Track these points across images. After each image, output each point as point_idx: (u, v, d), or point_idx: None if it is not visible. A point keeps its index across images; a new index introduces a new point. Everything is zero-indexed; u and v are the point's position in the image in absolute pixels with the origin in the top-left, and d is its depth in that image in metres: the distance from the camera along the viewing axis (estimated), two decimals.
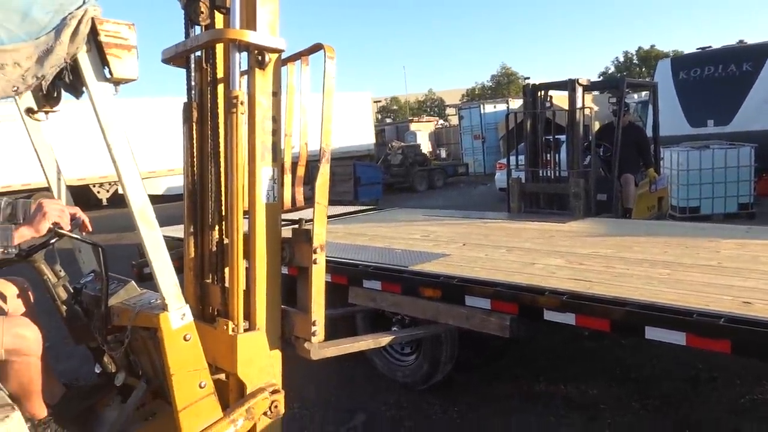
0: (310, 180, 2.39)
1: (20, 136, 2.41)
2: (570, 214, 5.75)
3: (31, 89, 1.74)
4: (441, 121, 41.34)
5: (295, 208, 2.43)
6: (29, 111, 2.23)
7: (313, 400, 3.64)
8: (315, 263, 2.27)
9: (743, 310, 2.29)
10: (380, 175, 14.88)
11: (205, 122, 2.27)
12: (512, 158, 7.14)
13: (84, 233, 2.13)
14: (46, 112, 2.24)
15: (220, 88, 2.25)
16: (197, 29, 2.27)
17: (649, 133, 7.58)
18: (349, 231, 5.01)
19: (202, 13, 2.20)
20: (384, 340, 3.08)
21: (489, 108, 21.63)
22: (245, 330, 2.16)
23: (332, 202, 10.50)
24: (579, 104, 6.04)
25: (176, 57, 2.27)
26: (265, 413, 2.14)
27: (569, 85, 6.02)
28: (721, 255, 3.35)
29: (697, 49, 12.70)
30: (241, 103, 2.13)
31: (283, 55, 2.27)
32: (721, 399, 3.40)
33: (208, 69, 2.25)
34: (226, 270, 2.22)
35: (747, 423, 3.11)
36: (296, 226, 2.35)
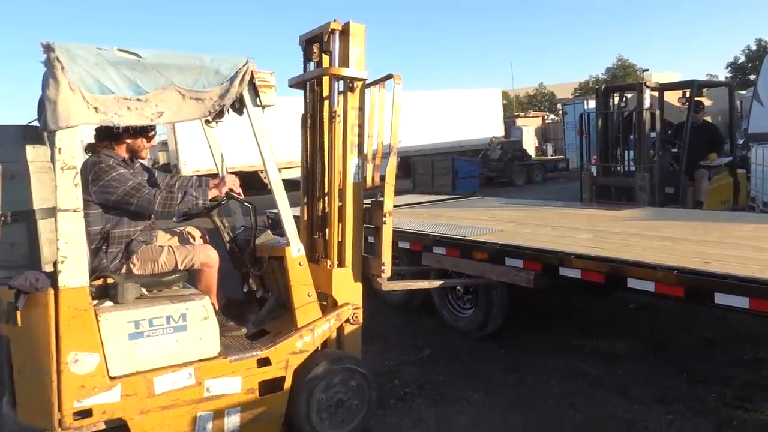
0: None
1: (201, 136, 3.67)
2: (636, 206, 6.35)
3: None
4: (551, 116, 40.76)
5: (373, 186, 3.48)
6: (206, 122, 3.49)
7: (394, 341, 4.71)
8: (385, 224, 3.33)
9: (700, 266, 3.02)
10: (477, 169, 15.69)
11: (315, 127, 3.41)
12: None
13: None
14: (216, 122, 3.49)
15: (325, 104, 3.38)
16: (311, 64, 3.42)
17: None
18: (432, 213, 6.02)
19: (314, 53, 3.35)
20: (435, 283, 4.11)
21: (593, 103, 21.48)
22: (338, 266, 3.27)
23: (431, 193, 11.48)
24: (647, 105, 6.59)
25: (297, 83, 3.45)
26: (348, 320, 3.25)
27: (637, 88, 6.59)
28: (730, 235, 3.96)
29: None
30: (338, 115, 3.25)
31: (368, 81, 3.35)
32: (727, 356, 4.02)
33: (318, 91, 3.40)
34: (327, 229, 3.36)
35: (744, 373, 3.74)
36: (374, 198, 3.42)
